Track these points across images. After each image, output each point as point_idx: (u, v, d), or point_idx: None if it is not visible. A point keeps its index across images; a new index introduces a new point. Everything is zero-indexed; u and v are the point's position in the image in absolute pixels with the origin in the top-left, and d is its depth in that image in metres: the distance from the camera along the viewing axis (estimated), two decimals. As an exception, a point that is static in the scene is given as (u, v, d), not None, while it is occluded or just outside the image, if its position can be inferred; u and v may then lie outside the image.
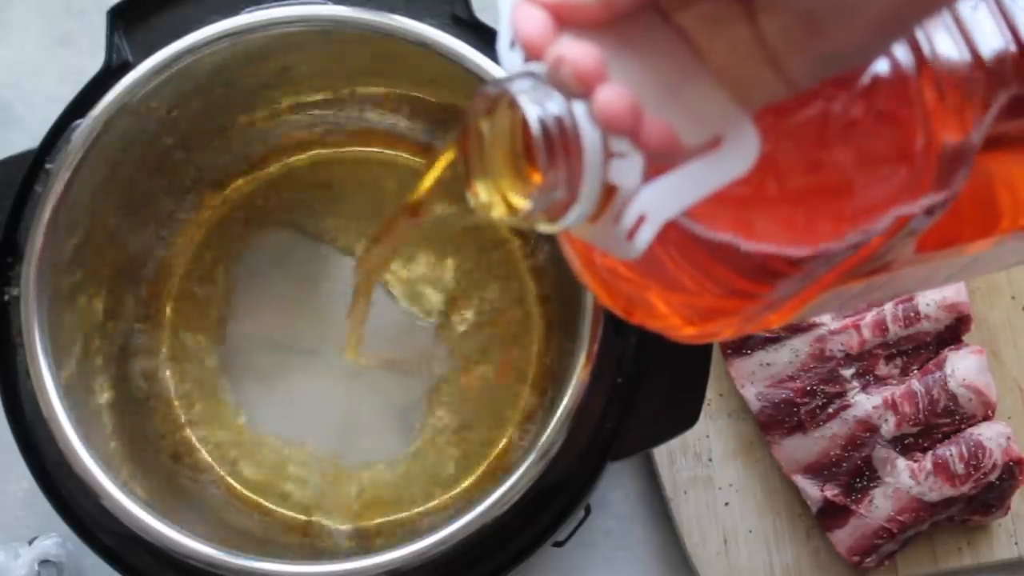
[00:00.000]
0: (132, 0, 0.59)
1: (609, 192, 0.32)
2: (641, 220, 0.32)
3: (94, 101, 0.58)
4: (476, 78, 0.58)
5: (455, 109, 0.66)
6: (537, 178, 0.32)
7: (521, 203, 0.32)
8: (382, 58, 0.63)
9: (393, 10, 0.59)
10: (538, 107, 0.31)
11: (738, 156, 0.32)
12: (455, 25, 0.59)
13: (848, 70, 0.33)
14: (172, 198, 0.69)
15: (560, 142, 0.31)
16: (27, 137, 0.65)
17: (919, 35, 0.35)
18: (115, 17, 0.59)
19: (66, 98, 0.59)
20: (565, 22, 0.31)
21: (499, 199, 0.33)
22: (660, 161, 0.32)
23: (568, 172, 0.31)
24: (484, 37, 0.58)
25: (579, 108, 0.31)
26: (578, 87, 0.30)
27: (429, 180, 0.40)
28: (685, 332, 0.39)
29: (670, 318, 0.38)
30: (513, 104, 0.31)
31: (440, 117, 0.68)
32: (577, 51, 0.30)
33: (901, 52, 0.35)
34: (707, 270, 0.35)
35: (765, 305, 0.37)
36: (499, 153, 0.32)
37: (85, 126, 0.57)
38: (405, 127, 0.70)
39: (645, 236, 0.32)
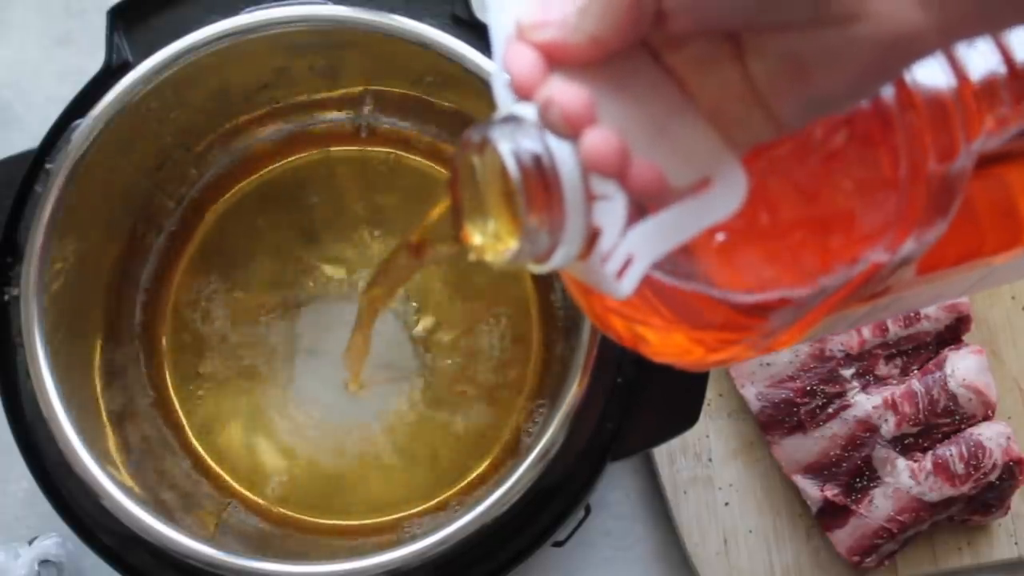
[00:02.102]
0: (132, 0, 0.59)
1: (596, 233, 0.32)
2: (629, 261, 0.32)
3: (94, 101, 0.58)
4: (476, 78, 0.58)
5: (455, 109, 0.66)
6: (522, 222, 0.32)
7: (512, 244, 0.32)
8: (382, 58, 0.63)
9: (393, 10, 0.59)
10: (516, 151, 0.31)
11: (726, 198, 0.33)
12: (455, 25, 0.59)
13: (835, 112, 0.33)
14: (172, 198, 0.69)
15: (540, 185, 0.31)
16: (27, 137, 0.65)
17: None
18: (115, 17, 0.59)
19: (66, 98, 0.59)
20: (556, 61, 0.31)
21: (491, 241, 0.33)
22: (647, 203, 0.32)
23: (551, 214, 0.31)
24: (484, 37, 0.58)
25: (563, 151, 0.31)
26: (566, 129, 0.30)
27: (431, 218, 0.40)
28: (687, 360, 0.39)
29: (667, 350, 0.38)
30: (496, 149, 0.31)
31: (440, 117, 0.68)
32: (566, 93, 0.30)
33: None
34: (697, 306, 0.36)
35: (762, 335, 0.37)
36: (491, 196, 0.33)
37: (85, 126, 0.57)
38: (405, 127, 0.70)
39: (633, 277, 0.33)
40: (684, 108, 0.32)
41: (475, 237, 0.33)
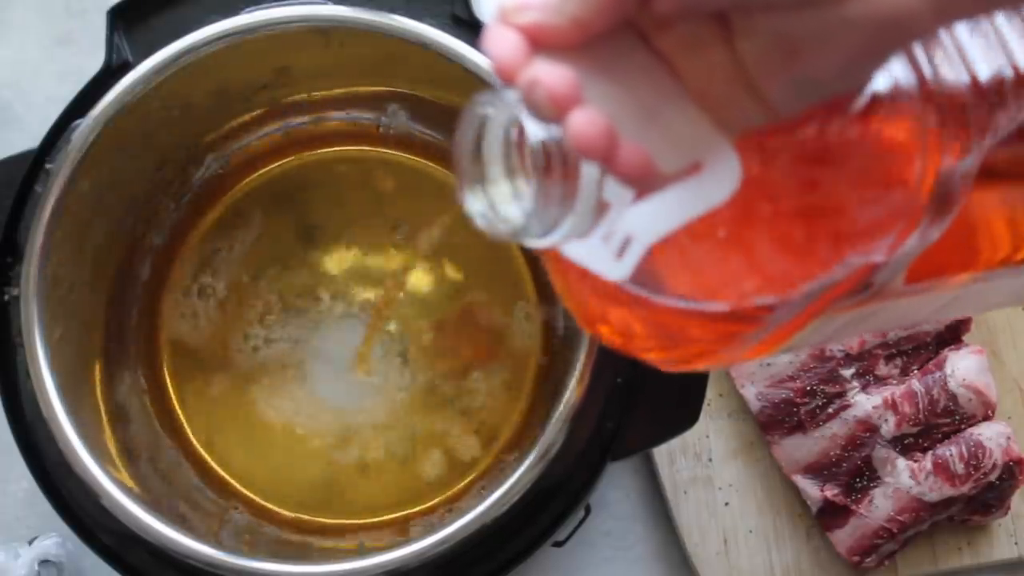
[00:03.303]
0: (132, 0, 0.59)
1: (601, 208, 0.31)
2: (627, 242, 0.32)
3: (94, 101, 0.58)
4: (476, 78, 0.58)
5: (455, 109, 0.66)
6: (533, 190, 0.31)
7: (514, 216, 0.31)
8: (382, 58, 0.63)
9: (393, 10, 0.59)
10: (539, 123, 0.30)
11: (718, 183, 0.32)
12: (455, 25, 0.59)
13: (828, 97, 0.32)
14: (172, 197, 0.69)
15: (558, 156, 0.30)
16: (27, 137, 0.65)
17: (919, 55, 0.34)
18: (115, 17, 0.59)
19: (66, 98, 0.59)
20: (540, 44, 0.30)
21: (492, 211, 0.32)
22: (635, 187, 0.31)
23: (564, 186, 0.30)
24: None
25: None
26: (552, 111, 0.29)
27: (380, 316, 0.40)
28: (670, 362, 0.38)
29: (652, 346, 0.38)
30: (514, 120, 0.31)
31: (440, 117, 0.68)
32: (551, 74, 0.29)
33: (900, 73, 0.34)
34: (685, 312, 0.35)
35: (754, 333, 0.36)
36: (495, 165, 0.32)
37: (85, 126, 0.57)
38: (405, 127, 0.70)
39: (632, 258, 0.32)
40: (673, 91, 0.31)
41: (475, 205, 0.32)
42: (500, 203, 0.32)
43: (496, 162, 0.32)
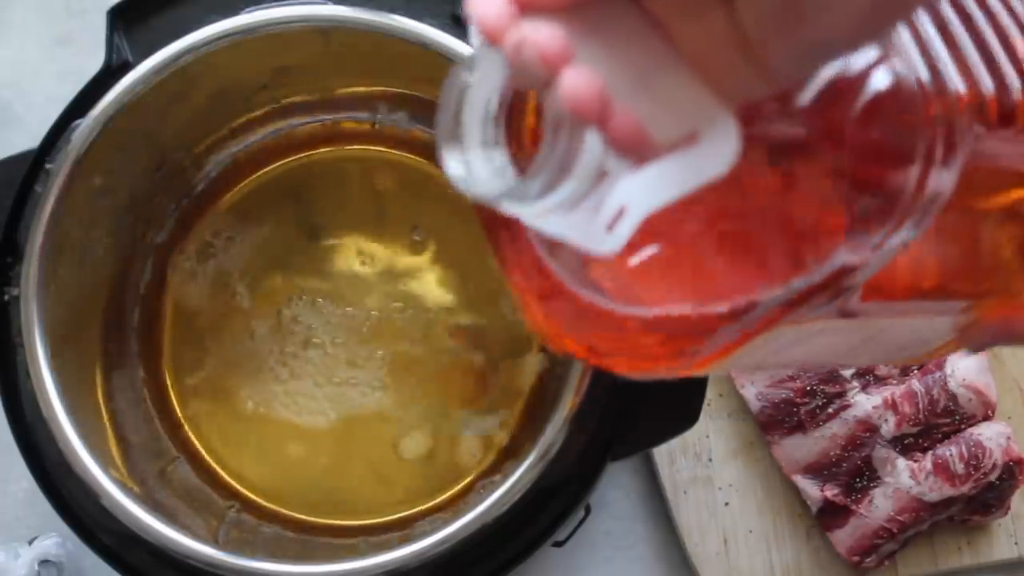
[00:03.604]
0: (132, 0, 0.59)
1: (599, 176, 0.30)
2: (620, 213, 0.31)
3: (94, 101, 0.58)
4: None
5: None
6: (529, 149, 0.30)
7: (492, 183, 0.30)
8: (382, 58, 0.63)
9: (393, 10, 0.59)
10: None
11: (717, 154, 0.30)
12: (455, 25, 0.59)
13: (831, 61, 0.31)
14: (172, 198, 0.69)
15: (564, 120, 0.29)
16: (27, 137, 0.65)
17: (917, 62, 0.33)
18: (115, 17, 0.59)
19: (66, 98, 0.59)
20: (527, 7, 0.28)
21: (472, 176, 0.30)
22: (629, 155, 0.30)
23: (567, 149, 0.29)
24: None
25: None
26: (542, 70, 0.27)
27: None
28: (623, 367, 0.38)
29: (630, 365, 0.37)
30: (497, 87, 0.29)
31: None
32: (541, 32, 0.27)
33: (904, 73, 0.33)
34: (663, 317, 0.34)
35: (730, 328, 0.35)
36: (474, 130, 0.30)
37: (85, 126, 0.57)
38: (405, 127, 0.70)
39: (624, 229, 0.31)
40: (667, 57, 0.30)
41: (455, 169, 0.31)
42: (479, 169, 0.30)
43: (475, 129, 0.30)
